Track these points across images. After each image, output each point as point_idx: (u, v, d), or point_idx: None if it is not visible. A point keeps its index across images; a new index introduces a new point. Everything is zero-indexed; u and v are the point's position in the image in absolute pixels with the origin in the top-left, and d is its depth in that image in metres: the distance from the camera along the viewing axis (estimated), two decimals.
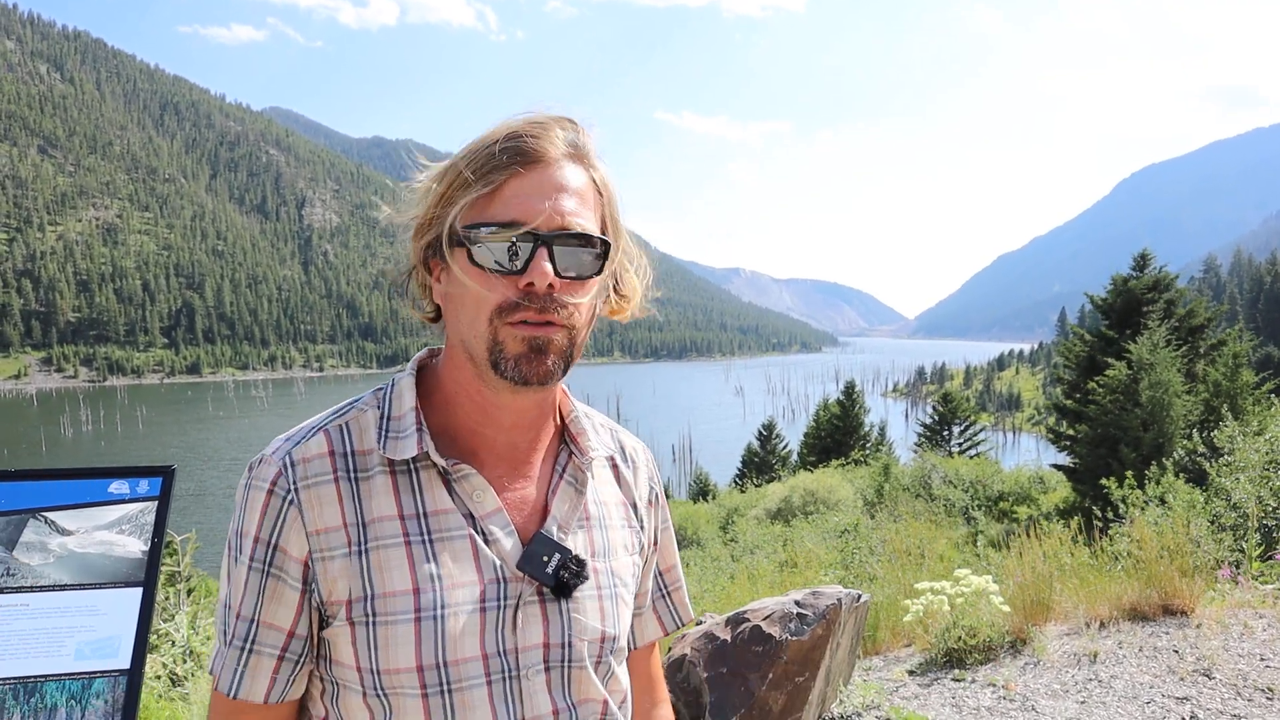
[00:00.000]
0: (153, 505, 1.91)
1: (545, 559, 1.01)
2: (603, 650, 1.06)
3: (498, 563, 1.00)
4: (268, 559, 0.97)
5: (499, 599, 0.99)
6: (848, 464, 28.92)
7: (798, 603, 4.02)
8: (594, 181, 1.02)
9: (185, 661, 4.45)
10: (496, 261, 0.95)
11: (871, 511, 19.18)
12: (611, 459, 1.18)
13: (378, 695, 0.96)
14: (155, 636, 4.65)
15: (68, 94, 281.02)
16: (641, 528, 1.18)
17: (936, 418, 37.94)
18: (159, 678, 4.30)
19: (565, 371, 1.01)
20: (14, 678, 1.81)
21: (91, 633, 1.85)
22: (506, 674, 0.98)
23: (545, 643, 1.01)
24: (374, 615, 0.95)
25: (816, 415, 38.52)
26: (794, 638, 3.84)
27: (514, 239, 0.94)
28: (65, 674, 1.84)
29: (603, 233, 1.02)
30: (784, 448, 41.36)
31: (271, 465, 0.98)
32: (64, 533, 1.84)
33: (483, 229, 0.95)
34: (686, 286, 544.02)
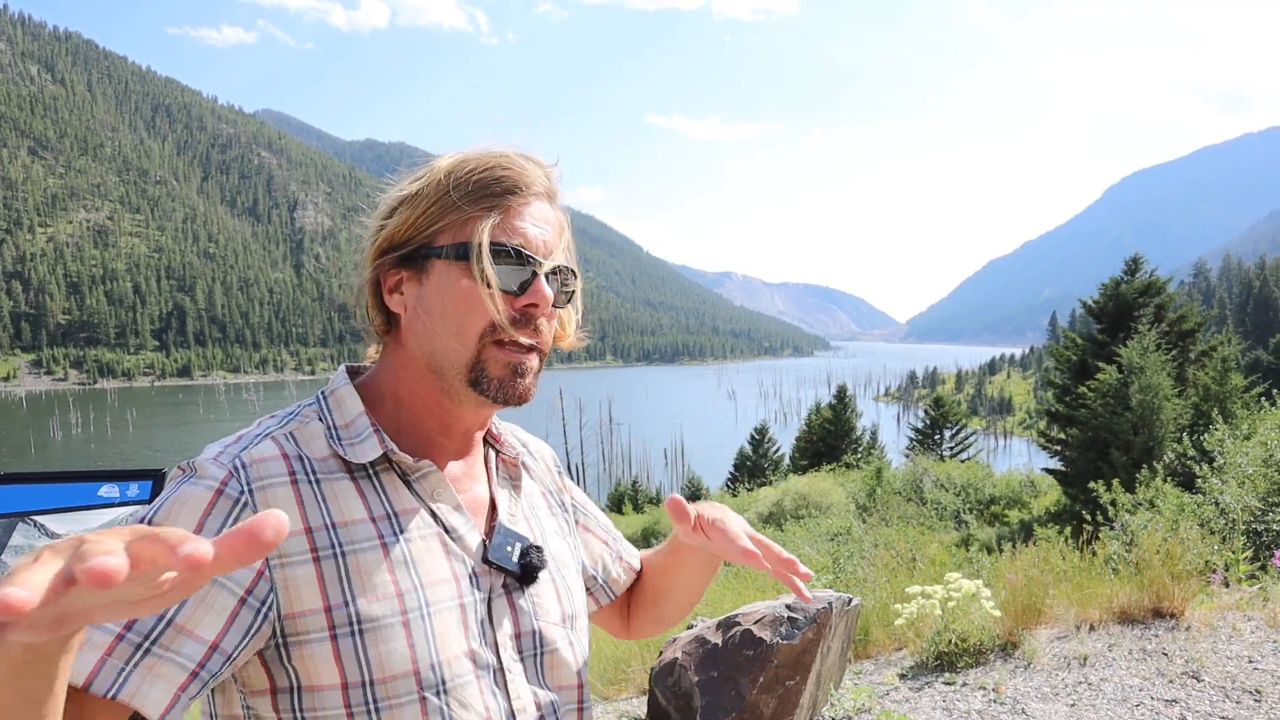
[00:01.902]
0: (143, 509, 1.90)
1: (509, 549, 1.04)
2: (566, 629, 1.09)
3: (467, 557, 1.01)
4: None
5: (474, 593, 1.00)
6: (840, 468, 29.00)
7: (788, 606, 4.02)
8: (563, 219, 1.09)
9: None
10: (508, 282, 0.99)
11: (863, 515, 19.22)
12: (526, 463, 1.23)
13: (369, 711, 0.91)
14: None
15: (59, 95, 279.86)
16: (563, 509, 1.25)
17: (928, 422, 38.07)
18: None
19: (534, 389, 1.06)
20: None
21: None
22: (491, 668, 0.99)
23: (517, 633, 1.03)
24: (359, 622, 0.91)
25: (808, 419, 38.65)
26: (785, 641, 3.85)
27: (523, 263, 0.99)
28: None
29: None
30: (776, 451, 41.44)
31: (219, 467, 0.92)
32: (54, 536, 1.83)
33: (496, 248, 0.98)
34: (679, 290, 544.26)
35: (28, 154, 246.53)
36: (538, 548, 1.07)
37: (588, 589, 1.28)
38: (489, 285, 0.97)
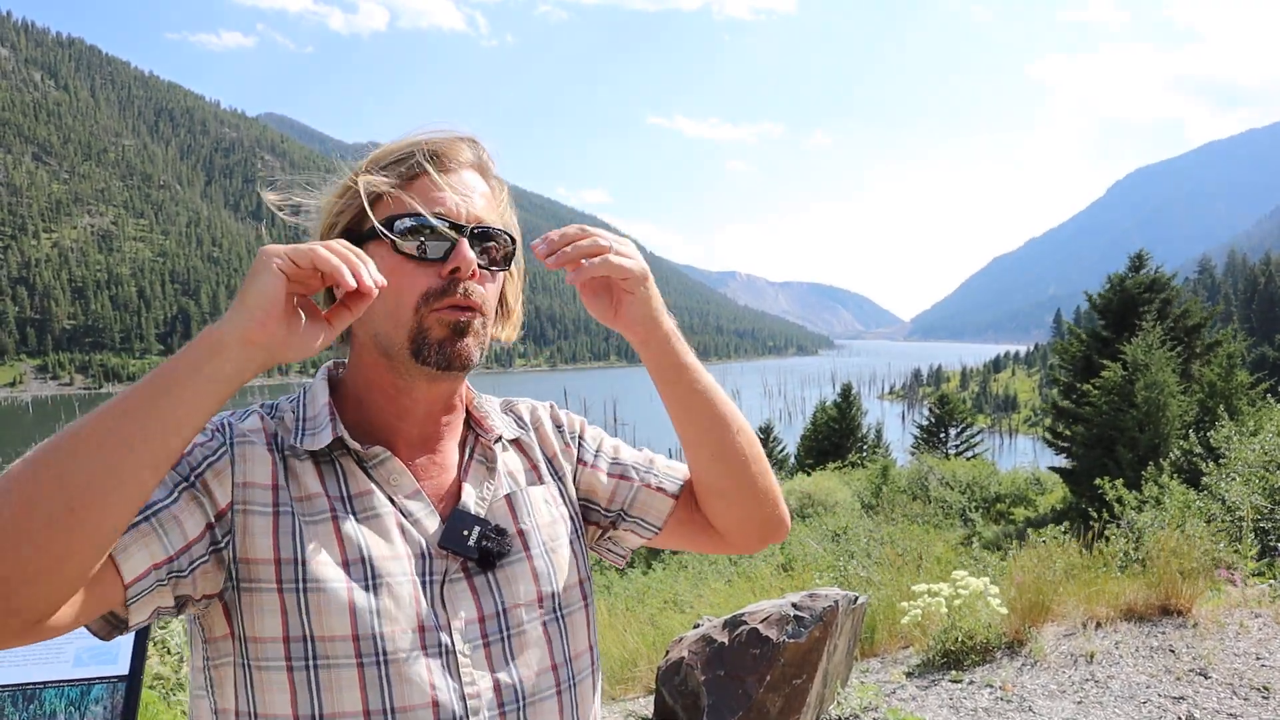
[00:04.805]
0: None
1: (465, 533, 1.03)
2: (543, 610, 1.07)
3: (422, 540, 1.02)
4: (190, 477, 0.95)
5: (425, 575, 1.00)
6: (845, 466, 28.93)
7: (795, 605, 4.02)
8: (497, 192, 1.10)
9: (182, 668, 4.44)
10: (427, 249, 1.00)
11: (869, 514, 19.19)
12: (516, 438, 1.20)
13: (308, 667, 0.94)
14: (154, 643, 4.65)
15: (62, 101, 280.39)
16: (560, 477, 1.20)
17: (933, 420, 38.02)
18: (157, 681, 4.30)
19: (480, 357, 1.05)
20: (13, 685, 1.82)
21: (90, 639, 1.85)
22: (443, 649, 0.98)
23: (480, 616, 1.02)
24: (305, 581, 0.95)
25: (813, 418, 38.55)
26: (791, 640, 3.85)
27: (438, 228, 1.00)
28: (64, 680, 1.84)
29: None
30: (781, 450, 41.39)
31: (212, 425, 1.02)
32: None
33: (406, 219, 1.00)
34: (682, 290, 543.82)
35: (32, 160, 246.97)
36: (499, 531, 1.05)
37: (622, 529, 1.23)
38: (409, 257, 1.00)
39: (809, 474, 26.34)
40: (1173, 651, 4.57)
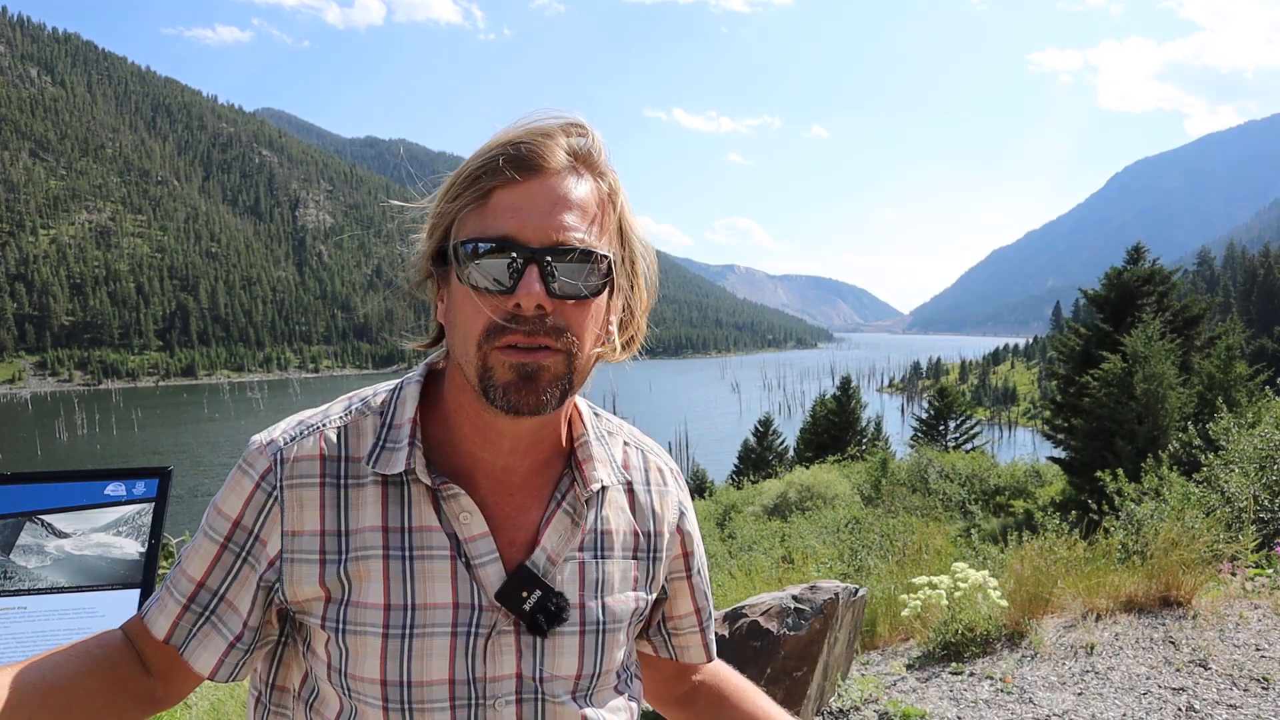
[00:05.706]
0: (150, 507, 1.90)
1: (525, 594, 0.96)
2: (577, 686, 1.01)
3: (475, 589, 0.95)
4: (246, 545, 0.96)
5: (471, 626, 0.95)
6: (844, 459, 28.98)
7: (795, 598, 4.03)
8: (601, 192, 0.95)
9: None
10: (491, 280, 0.89)
11: (869, 506, 19.22)
12: (629, 484, 1.09)
13: (347, 694, 0.96)
14: None
15: (59, 97, 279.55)
16: (655, 558, 1.10)
17: (932, 412, 38.00)
18: None
19: (562, 400, 0.93)
20: None
21: (90, 635, 1.84)
22: (473, 701, 0.95)
23: (518, 673, 0.97)
24: (345, 622, 0.94)
25: (813, 411, 38.64)
26: (791, 633, 3.85)
27: (504, 255, 0.89)
28: None
29: (612, 247, 0.95)
30: (781, 444, 41.40)
31: (264, 459, 0.97)
32: (61, 535, 1.83)
33: (472, 245, 0.89)
34: (682, 284, 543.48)
35: (29, 156, 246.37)
36: (561, 600, 0.98)
37: (648, 634, 1.20)
38: (474, 287, 0.90)
39: (808, 467, 26.36)
40: (1172, 643, 4.57)
